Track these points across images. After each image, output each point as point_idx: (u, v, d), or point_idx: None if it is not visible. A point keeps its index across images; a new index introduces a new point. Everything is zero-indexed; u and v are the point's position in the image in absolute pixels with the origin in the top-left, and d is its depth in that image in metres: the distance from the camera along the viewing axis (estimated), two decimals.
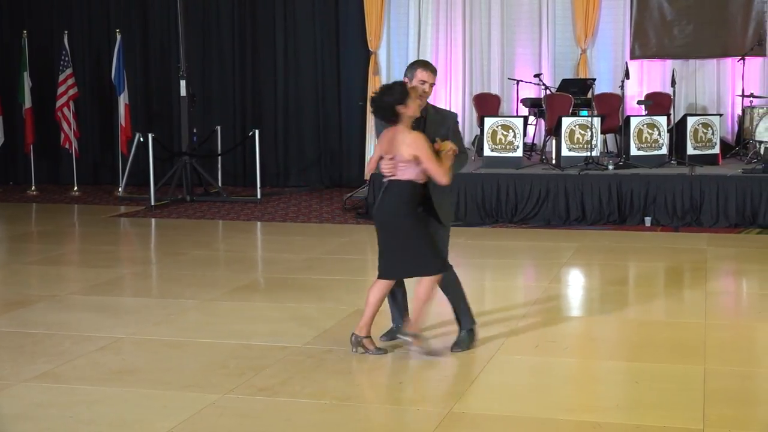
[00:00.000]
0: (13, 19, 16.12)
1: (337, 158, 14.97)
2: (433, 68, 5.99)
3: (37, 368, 5.81)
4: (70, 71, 14.60)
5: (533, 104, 13.26)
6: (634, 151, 11.65)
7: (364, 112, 14.32)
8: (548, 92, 12.92)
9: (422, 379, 5.74)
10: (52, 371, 5.76)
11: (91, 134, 15.84)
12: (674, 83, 12.29)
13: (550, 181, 11.31)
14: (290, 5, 14.97)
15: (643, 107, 12.52)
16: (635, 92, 13.27)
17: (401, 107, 5.68)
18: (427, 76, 5.91)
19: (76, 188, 14.63)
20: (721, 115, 12.50)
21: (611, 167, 11.44)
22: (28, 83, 14.80)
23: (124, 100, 14.46)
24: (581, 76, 13.37)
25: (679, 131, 11.96)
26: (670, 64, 13.35)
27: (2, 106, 14.97)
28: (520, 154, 11.77)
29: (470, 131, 13.93)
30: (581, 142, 11.58)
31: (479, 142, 12.13)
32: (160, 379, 5.60)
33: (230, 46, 15.31)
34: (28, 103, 14.83)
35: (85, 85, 15.60)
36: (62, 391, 5.42)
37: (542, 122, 13.14)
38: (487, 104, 13.34)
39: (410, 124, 5.75)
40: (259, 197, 13.45)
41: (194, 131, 13.97)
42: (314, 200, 13.53)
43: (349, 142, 14.88)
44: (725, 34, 13.29)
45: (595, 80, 12.94)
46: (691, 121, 11.85)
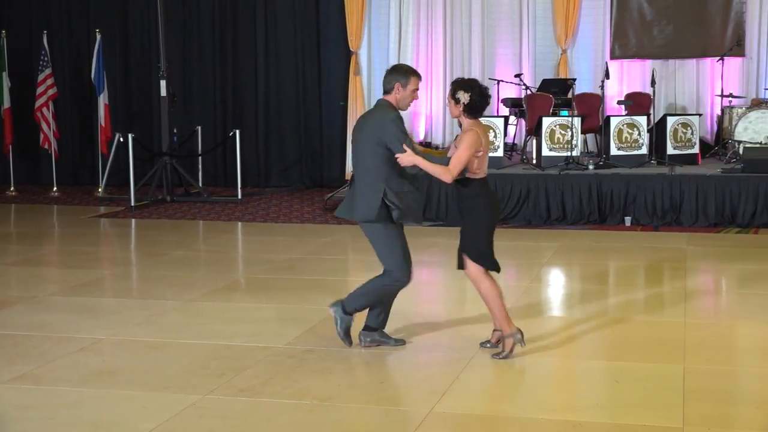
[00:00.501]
0: None
1: (318, 158, 14.96)
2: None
3: (16, 370, 5.78)
4: (49, 71, 14.52)
5: (514, 104, 13.29)
6: (614, 150, 11.70)
7: (345, 112, 14.33)
8: (529, 92, 12.95)
9: (403, 378, 5.75)
10: (31, 373, 5.73)
11: (70, 134, 15.75)
12: (654, 83, 12.35)
13: (530, 180, 11.34)
14: (271, 5, 14.94)
15: (623, 107, 12.57)
16: (615, 92, 13.32)
17: None
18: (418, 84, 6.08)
19: (55, 189, 14.56)
20: (700, 115, 12.58)
21: (591, 167, 11.48)
22: (6, 83, 14.70)
23: (103, 100, 14.39)
24: (561, 76, 13.41)
25: (658, 131, 12.02)
26: (649, 64, 13.40)
27: None
28: (500, 154, 11.80)
29: (451, 132, 13.94)
30: (562, 142, 11.62)
31: None
32: (140, 380, 5.59)
33: (211, 46, 15.26)
34: (6, 103, 14.72)
35: (64, 85, 15.51)
36: (42, 392, 5.39)
37: (523, 122, 13.16)
38: None
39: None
40: (239, 197, 13.43)
41: (174, 131, 13.92)
42: (295, 200, 13.52)
43: (330, 142, 14.87)
44: (704, 34, 13.36)
45: (575, 80, 12.98)
46: (670, 121, 11.91)
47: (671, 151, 11.82)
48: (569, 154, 11.53)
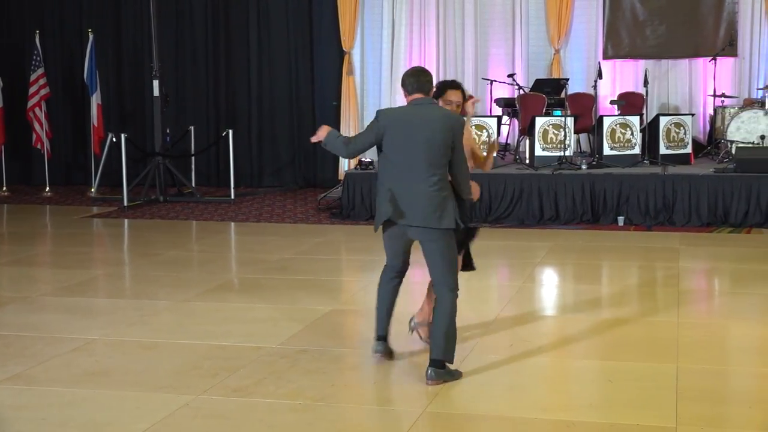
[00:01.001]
0: None
1: (311, 158, 14.94)
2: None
3: (8, 370, 5.76)
4: (41, 71, 14.50)
5: (507, 104, 13.29)
6: (607, 150, 11.72)
7: (338, 112, 14.31)
8: (522, 92, 12.96)
9: (396, 378, 5.74)
10: (24, 373, 5.72)
11: (63, 134, 15.72)
12: (647, 83, 12.37)
13: (523, 180, 11.35)
14: (264, 5, 14.93)
15: (616, 107, 12.58)
16: (608, 92, 13.33)
17: None
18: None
19: (48, 189, 14.53)
20: (693, 114, 12.60)
21: (584, 167, 11.49)
22: None
23: (96, 100, 14.36)
24: (554, 76, 13.42)
25: (651, 131, 12.04)
26: (642, 64, 13.42)
27: None
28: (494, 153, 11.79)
29: None
30: (555, 141, 11.63)
31: None
32: (133, 380, 5.58)
33: (204, 45, 15.25)
34: None
35: (57, 84, 15.48)
36: (35, 393, 5.38)
37: (516, 122, 13.17)
38: None
39: None
40: (232, 197, 13.41)
41: (167, 131, 13.91)
42: (288, 200, 13.51)
43: None
44: (697, 34, 13.38)
45: (568, 80, 12.99)
46: (663, 120, 11.93)
47: (664, 150, 11.84)
48: (562, 154, 11.55)
